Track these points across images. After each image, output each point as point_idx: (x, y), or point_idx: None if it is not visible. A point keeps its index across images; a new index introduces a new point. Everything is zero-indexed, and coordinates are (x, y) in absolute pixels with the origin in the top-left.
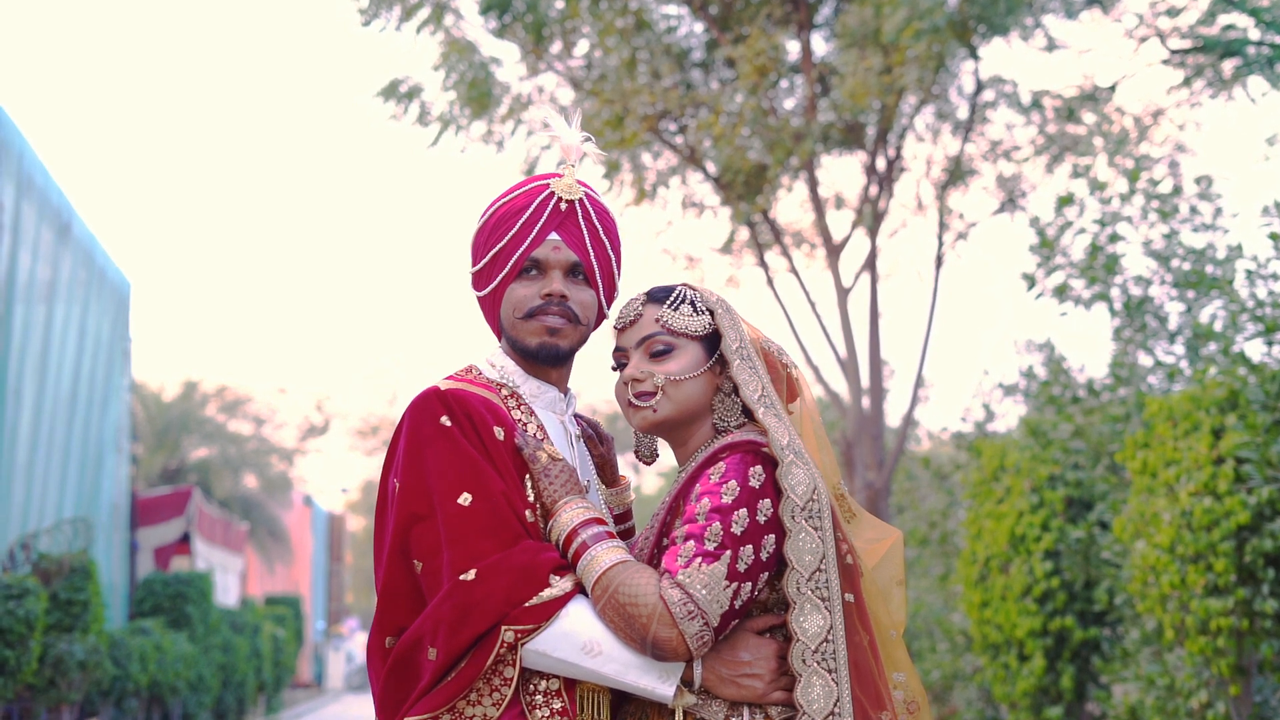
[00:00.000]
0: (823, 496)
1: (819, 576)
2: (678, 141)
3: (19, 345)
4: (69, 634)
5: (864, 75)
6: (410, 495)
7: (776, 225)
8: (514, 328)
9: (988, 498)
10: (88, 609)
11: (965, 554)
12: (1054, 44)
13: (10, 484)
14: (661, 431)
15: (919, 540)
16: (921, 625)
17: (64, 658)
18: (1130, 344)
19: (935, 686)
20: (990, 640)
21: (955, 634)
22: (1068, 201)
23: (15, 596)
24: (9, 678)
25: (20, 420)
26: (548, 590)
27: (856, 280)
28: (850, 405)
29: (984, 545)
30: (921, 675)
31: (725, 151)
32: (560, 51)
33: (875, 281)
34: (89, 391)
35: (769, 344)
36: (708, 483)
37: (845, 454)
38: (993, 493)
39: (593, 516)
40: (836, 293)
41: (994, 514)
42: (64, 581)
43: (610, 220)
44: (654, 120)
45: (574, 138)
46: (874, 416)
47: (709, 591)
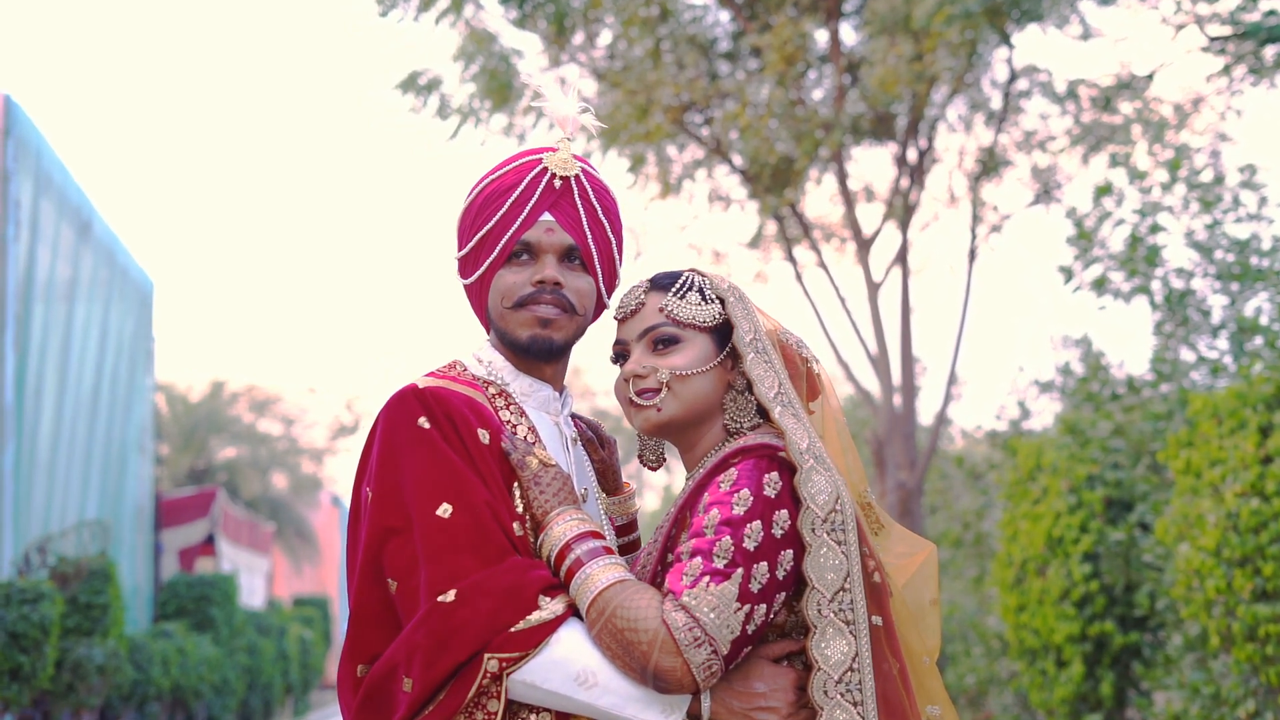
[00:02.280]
0: (847, 506)
1: (843, 597)
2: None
3: (39, 345)
4: (88, 638)
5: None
6: (384, 506)
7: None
8: (503, 318)
9: (1024, 498)
10: (107, 612)
11: (1001, 556)
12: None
13: (31, 486)
14: (667, 433)
15: (953, 541)
16: (956, 629)
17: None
18: (1172, 339)
19: (970, 692)
20: (1027, 645)
21: (990, 638)
22: (1106, 191)
23: (30, 601)
24: (24, 683)
25: (41, 421)
26: (536, 613)
27: (887, 275)
28: (881, 403)
29: (1020, 547)
30: (956, 680)
31: (752, 143)
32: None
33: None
34: (111, 392)
35: (787, 336)
36: (717, 491)
37: (876, 453)
38: (1029, 493)
39: (588, 530)
40: (867, 288)
41: (1030, 515)
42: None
43: (610, 199)
44: (679, 112)
45: (569, 108)
46: (906, 415)
47: (718, 615)
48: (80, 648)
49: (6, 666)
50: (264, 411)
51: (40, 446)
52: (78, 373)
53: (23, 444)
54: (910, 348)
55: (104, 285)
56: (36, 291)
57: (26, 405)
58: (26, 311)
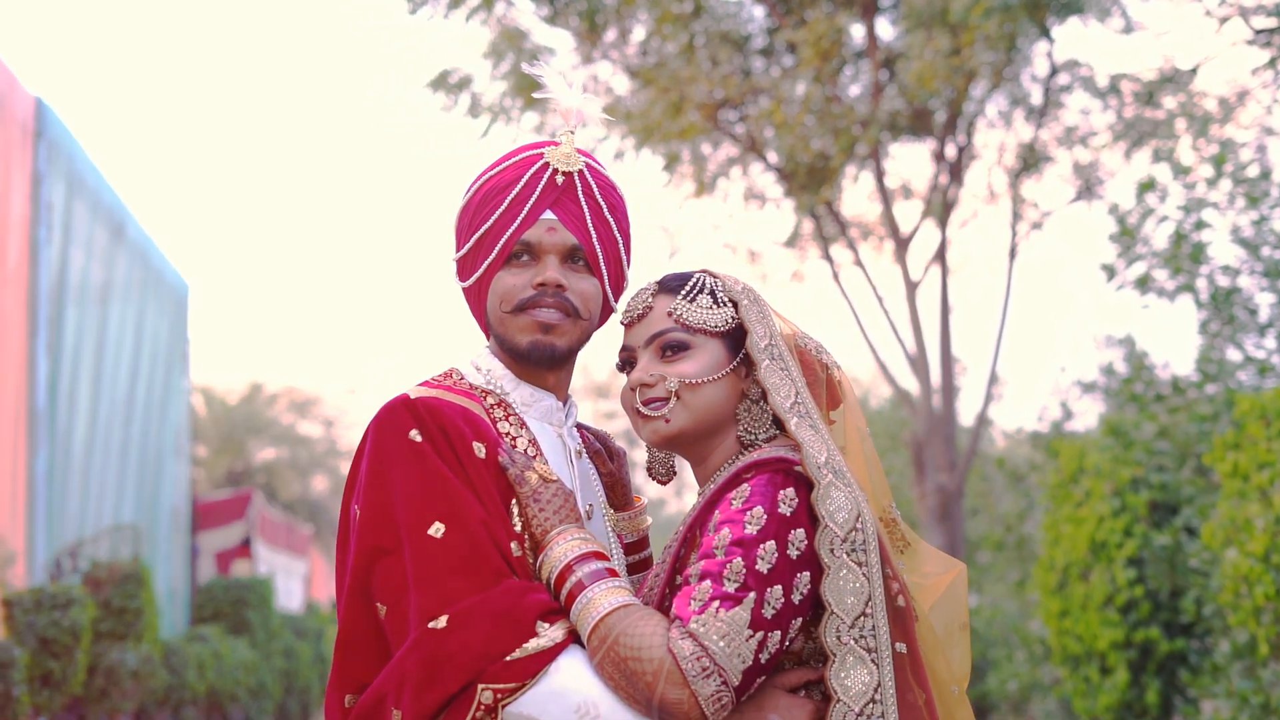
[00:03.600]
0: (868, 525)
1: (864, 623)
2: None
3: (73, 348)
4: (122, 642)
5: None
6: (373, 525)
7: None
8: (502, 323)
9: (1066, 501)
10: (141, 617)
11: (1043, 560)
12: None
13: (65, 490)
14: (676, 446)
15: (994, 545)
16: (998, 633)
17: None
18: (1218, 338)
19: (1013, 697)
20: (1070, 651)
21: (1033, 643)
22: (1149, 187)
23: (61, 606)
24: (55, 689)
25: (75, 425)
26: (534, 640)
27: (926, 273)
28: (921, 404)
29: (1063, 551)
30: (998, 685)
31: (787, 141)
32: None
33: (946, 274)
34: (147, 395)
35: (806, 340)
36: (729, 509)
37: (916, 455)
38: (1071, 496)
39: (591, 550)
40: (905, 286)
41: (1073, 518)
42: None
43: (617, 196)
44: (713, 109)
45: (573, 99)
46: (946, 416)
47: (728, 643)
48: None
49: (38, 672)
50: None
51: (74, 450)
52: (112, 376)
53: (56, 448)
54: (950, 347)
55: (138, 288)
56: (70, 294)
57: (60, 409)
58: (60, 314)
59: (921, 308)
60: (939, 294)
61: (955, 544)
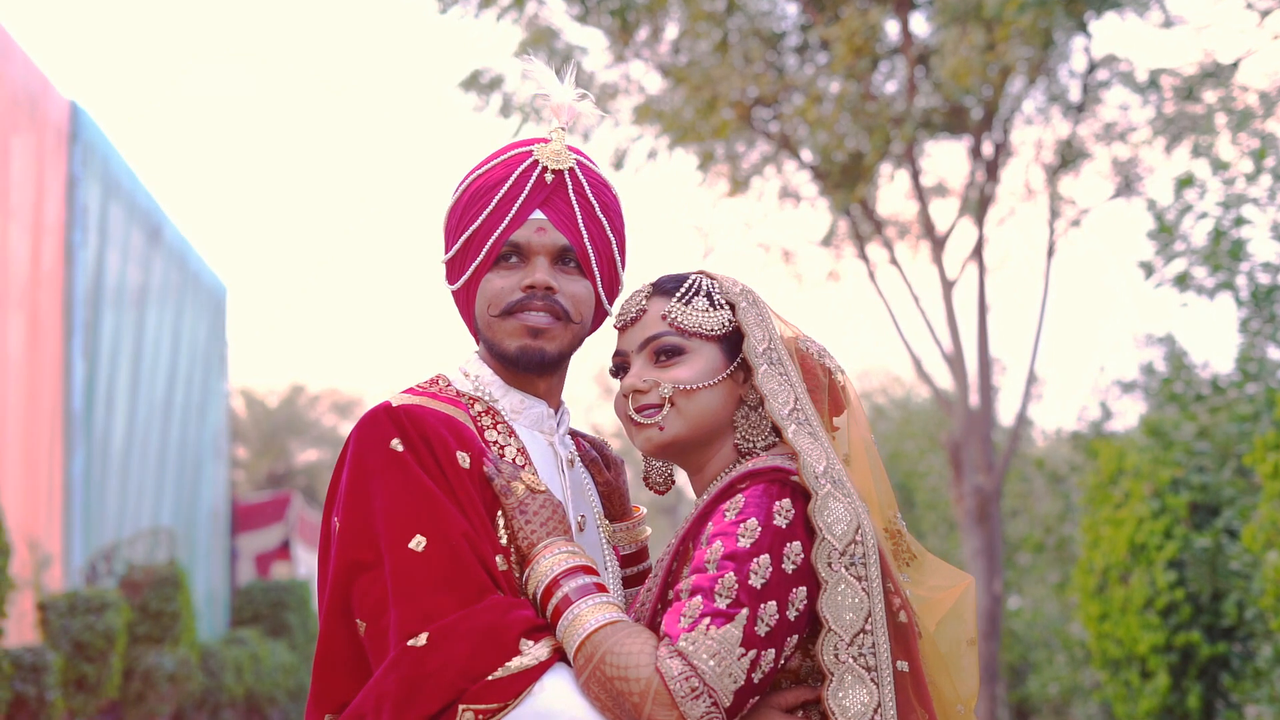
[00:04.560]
0: (868, 537)
1: (863, 640)
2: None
3: (110, 351)
4: (159, 646)
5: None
6: (353, 538)
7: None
8: (490, 328)
9: (1105, 503)
10: (178, 620)
11: (1082, 562)
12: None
13: (103, 493)
14: (671, 454)
15: (1034, 546)
16: (1039, 636)
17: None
18: (1259, 336)
19: (1054, 701)
20: (1110, 655)
21: (1074, 646)
22: (1188, 183)
23: (95, 610)
24: (89, 693)
25: (113, 427)
26: (517, 659)
27: (963, 272)
28: (958, 404)
29: (1102, 554)
30: (1039, 689)
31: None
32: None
33: (983, 273)
34: (186, 397)
35: (808, 344)
36: (722, 521)
37: (953, 456)
38: (1110, 497)
39: (579, 564)
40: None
41: (1112, 520)
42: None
43: (610, 195)
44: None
45: (564, 94)
46: (984, 416)
47: (719, 662)
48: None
49: (72, 676)
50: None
51: (112, 453)
52: (150, 378)
53: (93, 451)
54: (987, 347)
55: (175, 290)
56: (106, 297)
57: (97, 412)
58: (96, 317)
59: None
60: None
61: (993, 546)
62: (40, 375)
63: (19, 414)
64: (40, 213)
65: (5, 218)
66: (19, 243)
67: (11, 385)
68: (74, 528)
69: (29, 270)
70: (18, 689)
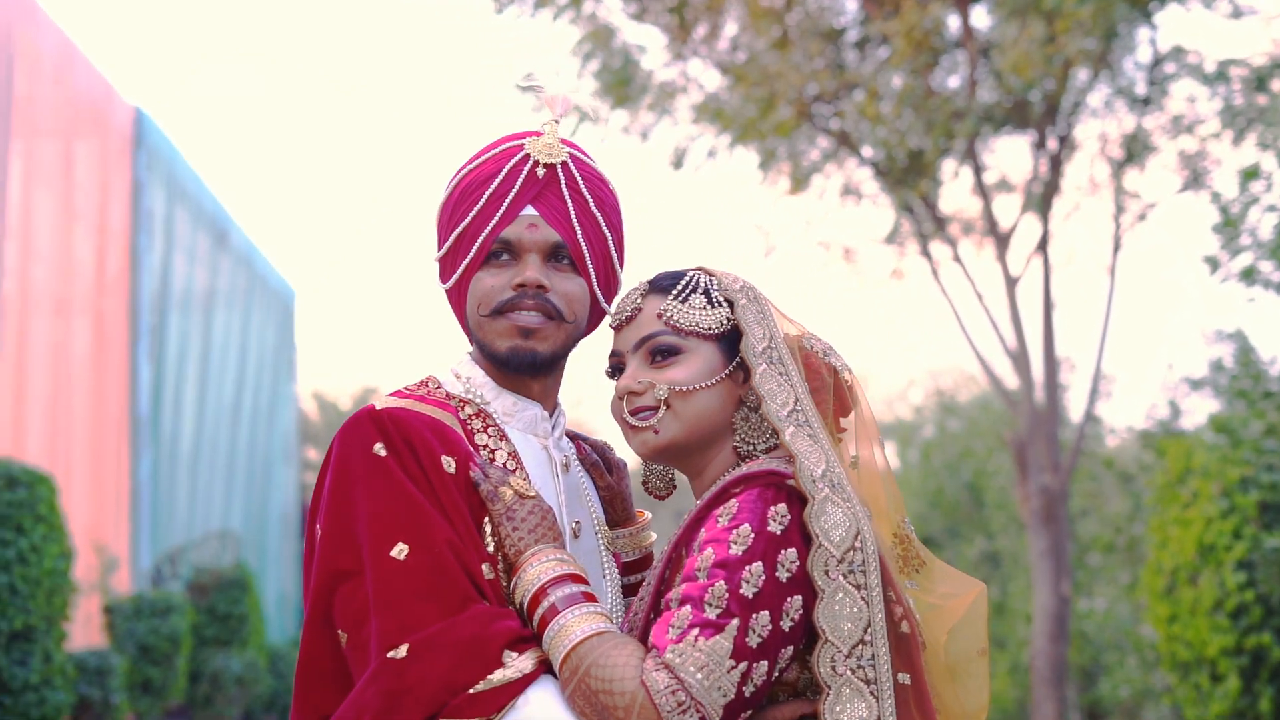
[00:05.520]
0: (868, 544)
1: (862, 651)
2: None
3: (177, 355)
4: (226, 648)
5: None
6: (335, 546)
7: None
8: (480, 328)
9: (1173, 502)
10: (245, 622)
11: (1151, 563)
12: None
13: (172, 496)
14: (669, 458)
15: (1104, 546)
16: (1110, 638)
17: (220, 673)
18: None
19: (1125, 704)
20: (1179, 658)
21: (1145, 648)
22: (1253, 175)
23: (160, 613)
24: (154, 696)
25: (181, 431)
26: (500, 672)
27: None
28: (1023, 403)
29: (1170, 554)
30: (1110, 691)
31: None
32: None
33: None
34: (254, 401)
35: (812, 342)
36: (714, 527)
37: (1018, 455)
38: (1179, 497)
39: (567, 572)
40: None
41: (1180, 520)
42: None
43: (605, 189)
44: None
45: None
46: (1050, 414)
47: (706, 675)
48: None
49: (137, 679)
50: None
51: (180, 456)
52: (218, 382)
53: (161, 454)
54: (1053, 344)
55: (243, 294)
56: (173, 301)
57: (164, 415)
58: (163, 321)
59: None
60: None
61: (1060, 546)
62: (107, 380)
63: (85, 418)
64: (105, 218)
65: (71, 223)
66: (84, 248)
67: (78, 390)
68: (141, 531)
69: (94, 275)
70: (82, 692)
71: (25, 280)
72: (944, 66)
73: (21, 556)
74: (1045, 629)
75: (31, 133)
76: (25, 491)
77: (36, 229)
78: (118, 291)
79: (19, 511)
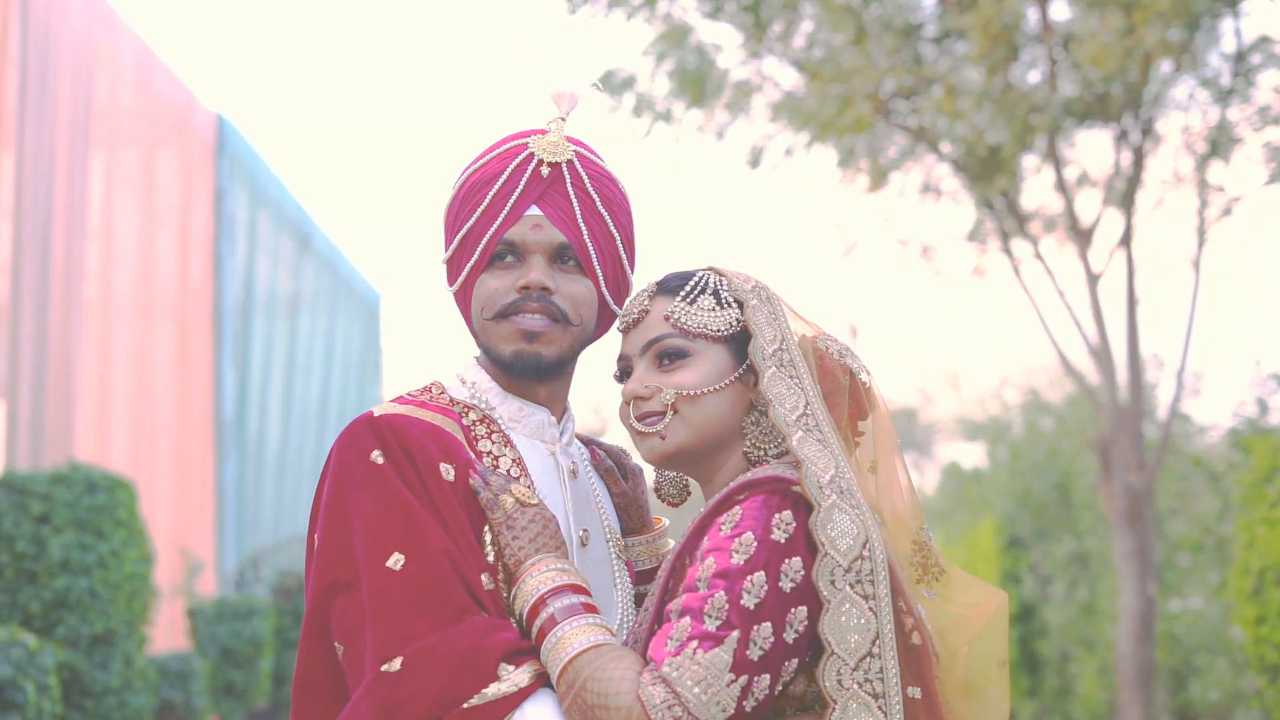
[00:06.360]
0: (877, 552)
1: (869, 664)
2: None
3: (262, 359)
4: None
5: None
6: (331, 556)
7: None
8: (485, 331)
9: (1261, 501)
10: None
11: (1238, 564)
12: None
13: (257, 500)
14: (677, 464)
15: (1192, 547)
16: (1200, 640)
17: None
18: None
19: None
20: (1268, 660)
21: (1235, 650)
22: None
23: (243, 616)
24: (237, 699)
25: (266, 435)
26: (495, 686)
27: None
28: (1106, 401)
29: (1258, 554)
30: (1200, 694)
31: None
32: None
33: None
34: (340, 404)
35: (828, 343)
36: (717, 535)
37: (1102, 454)
38: (1266, 496)
39: (568, 582)
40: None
41: (1268, 520)
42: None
43: (614, 188)
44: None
45: (566, 83)
46: (1134, 412)
47: (704, 689)
48: None
49: (220, 682)
50: None
51: (265, 460)
52: (304, 386)
53: (245, 458)
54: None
55: (327, 298)
56: (256, 305)
57: (249, 419)
58: (247, 325)
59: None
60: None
61: (1146, 547)
62: (190, 384)
63: (170, 423)
64: (187, 224)
65: (153, 228)
66: (167, 253)
67: (161, 395)
68: (226, 535)
69: (177, 280)
70: (164, 695)
71: (107, 284)
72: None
73: (101, 561)
74: (1130, 631)
75: (113, 141)
76: (105, 496)
77: (118, 233)
78: (201, 296)
79: (99, 516)
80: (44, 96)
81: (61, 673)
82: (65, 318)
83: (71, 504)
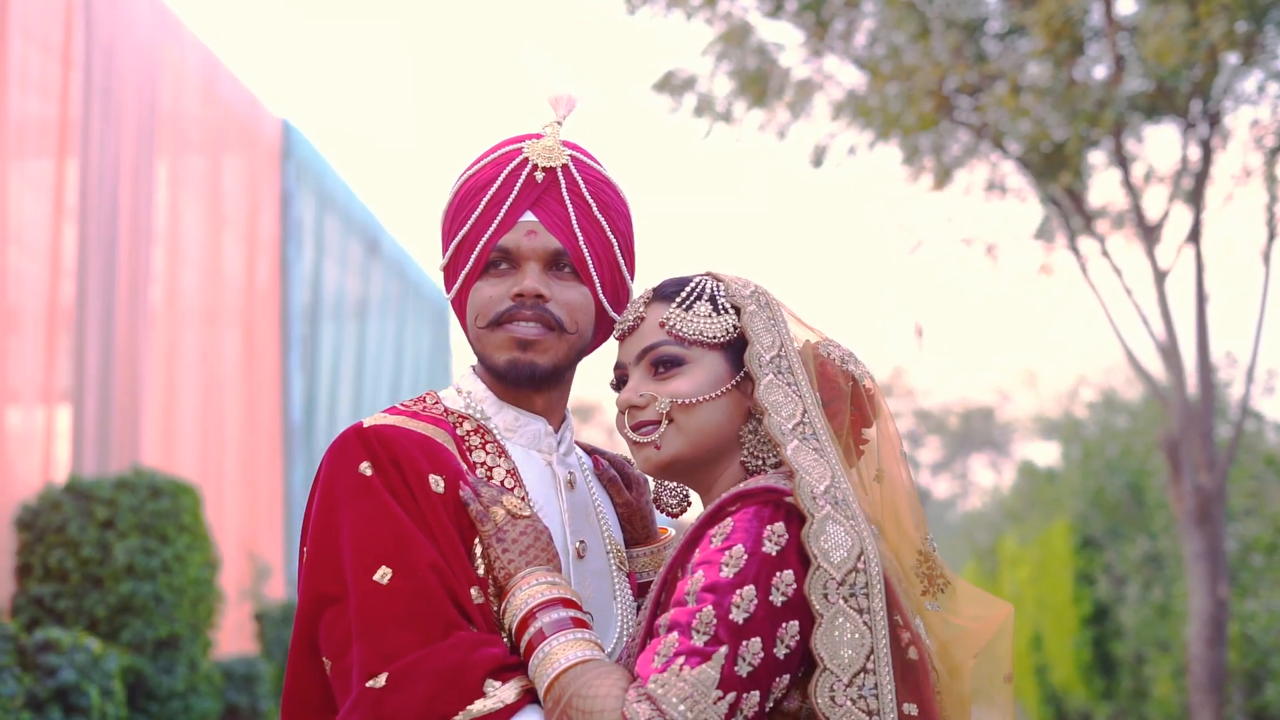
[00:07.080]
0: (872, 565)
1: (864, 680)
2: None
3: (331, 362)
4: None
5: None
6: (320, 569)
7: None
8: (479, 340)
9: None
10: None
11: None
12: None
13: None
14: (674, 474)
15: (1265, 547)
16: (1275, 641)
17: None
18: None
19: None
20: None
21: None
22: None
23: None
24: None
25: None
26: (480, 703)
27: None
28: (1174, 400)
29: None
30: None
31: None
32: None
33: (1201, 261)
34: None
35: (830, 349)
36: (708, 548)
37: (1171, 454)
38: None
39: (558, 596)
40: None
41: None
42: None
43: (611, 193)
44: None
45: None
46: (1204, 411)
47: (690, 706)
48: None
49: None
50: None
51: None
52: (372, 390)
53: (314, 462)
54: (1206, 338)
55: (396, 301)
56: (324, 309)
57: (318, 423)
58: (314, 330)
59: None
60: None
61: (1216, 548)
62: (258, 389)
63: (237, 427)
64: (254, 229)
65: (219, 232)
66: (234, 258)
67: (229, 400)
68: (294, 539)
69: (244, 285)
70: (230, 698)
71: (174, 288)
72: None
73: (166, 566)
74: (1201, 633)
75: (179, 147)
76: (169, 501)
77: (184, 238)
78: (268, 301)
79: (163, 521)
80: (109, 103)
81: (126, 677)
82: (131, 323)
83: (136, 509)
